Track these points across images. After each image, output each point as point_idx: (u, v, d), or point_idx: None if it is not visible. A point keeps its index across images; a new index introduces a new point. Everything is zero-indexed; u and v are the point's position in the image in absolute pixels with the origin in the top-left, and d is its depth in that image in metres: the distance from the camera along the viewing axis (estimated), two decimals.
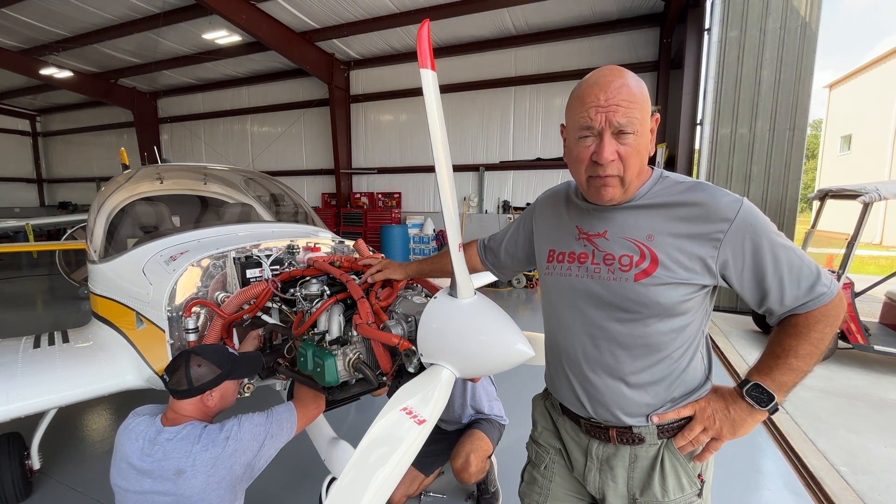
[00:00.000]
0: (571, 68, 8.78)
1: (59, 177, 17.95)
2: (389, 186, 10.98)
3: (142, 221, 3.20)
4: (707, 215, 0.97)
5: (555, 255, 1.16)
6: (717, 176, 6.25)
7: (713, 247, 0.97)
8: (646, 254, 1.00)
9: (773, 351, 1.02)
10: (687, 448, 1.07)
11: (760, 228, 0.96)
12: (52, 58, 10.60)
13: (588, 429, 1.16)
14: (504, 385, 2.77)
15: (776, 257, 0.95)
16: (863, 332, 4.17)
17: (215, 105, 13.02)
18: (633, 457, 1.11)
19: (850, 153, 19.12)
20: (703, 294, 1.03)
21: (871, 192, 4.01)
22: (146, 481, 1.34)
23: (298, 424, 1.53)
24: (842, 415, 3.46)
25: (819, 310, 0.96)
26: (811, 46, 5.71)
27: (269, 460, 1.46)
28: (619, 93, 0.93)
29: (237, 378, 1.54)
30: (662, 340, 1.03)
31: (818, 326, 0.96)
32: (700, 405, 1.07)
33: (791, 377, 0.99)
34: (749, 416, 1.02)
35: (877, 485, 2.63)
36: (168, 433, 1.39)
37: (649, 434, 1.09)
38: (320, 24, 8.86)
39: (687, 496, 1.09)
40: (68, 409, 2.35)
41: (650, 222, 1.02)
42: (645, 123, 0.97)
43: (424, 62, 1.05)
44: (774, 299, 0.98)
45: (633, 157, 0.96)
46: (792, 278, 0.96)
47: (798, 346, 0.97)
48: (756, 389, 1.00)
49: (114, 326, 2.46)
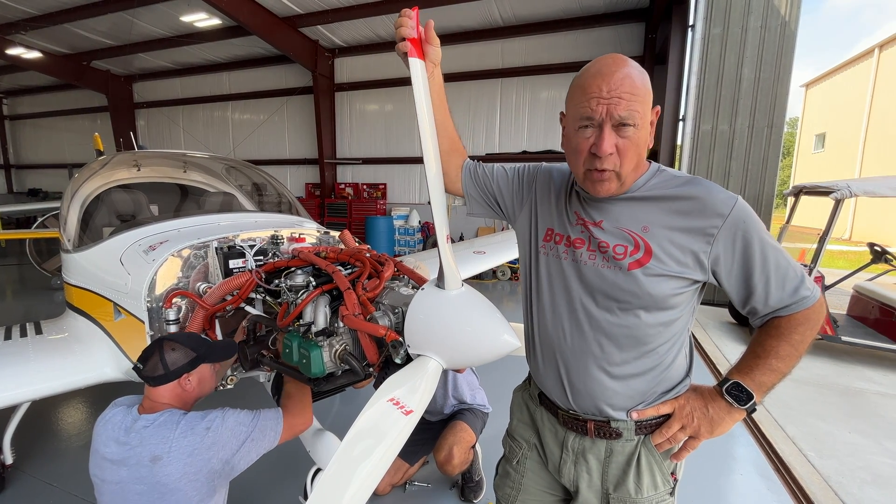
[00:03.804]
0: (558, 61, 8.79)
1: (29, 162, 17.20)
2: (374, 177, 10.87)
3: (118, 210, 3.10)
4: (702, 210, 0.98)
5: (553, 234, 1.15)
6: (697, 172, 6.37)
7: (706, 242, 0.98)
8: (640, 244, 1.01)
9: (755, 351, 1.04)
10: (664, 446, 1.08)
11: (753, 227, 0.97)
12: (19, 37, 10.08)
13: (565, 421, 1.16)
14: (489, 375, 2.80)
15: (765, 257, 0.97)
16: (832, 324, 4.35)
17: (194, 91, 12.62)
18: (609, 451, 1.12)
19: (825, 151, 19.72)
20: (692, 290, 1.05)
21: (843, 189, 4.15)
22: (122, 470, 1.31)
23: (283, 435, 1.49)
24: (811, 403, 3.62)
25: (801, 313, 0.99)
26: (790, 45, 5.84)
27: (250, 464, 1.43)
28: (622, 84, 0.92)
29: (213, 361, 1.53)
30: (649, 333, 1.04)
31: (800, 329, 0.99)
32: (679, 403, 1.08)
33: (770, 377, 1.01)
34: (727, 415, 1.04)
35: (841, 468, 2.77)
36: (145, 420, 1.37)
37: (627, 430, 1.10)
38: (304, 9, 8.64)
39: (660, 494, 1.11)
40: (43, 402, 2.29)
41: (646, 214, 1.03)
42: (646, 116, 0.96)
43: (412, 52, 1.05)
44: (759, 299, 1.00)
45: (631, 150, 0.96)
46: (778, 279, 0.98)
47: (779, 348, 1.00)
48: (736, 388, 1.02)
49: (90, 318, 2.39)
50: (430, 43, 1.11)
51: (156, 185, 3.60)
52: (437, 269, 1.18)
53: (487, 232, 9.31)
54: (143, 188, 3.37)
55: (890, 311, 4.32)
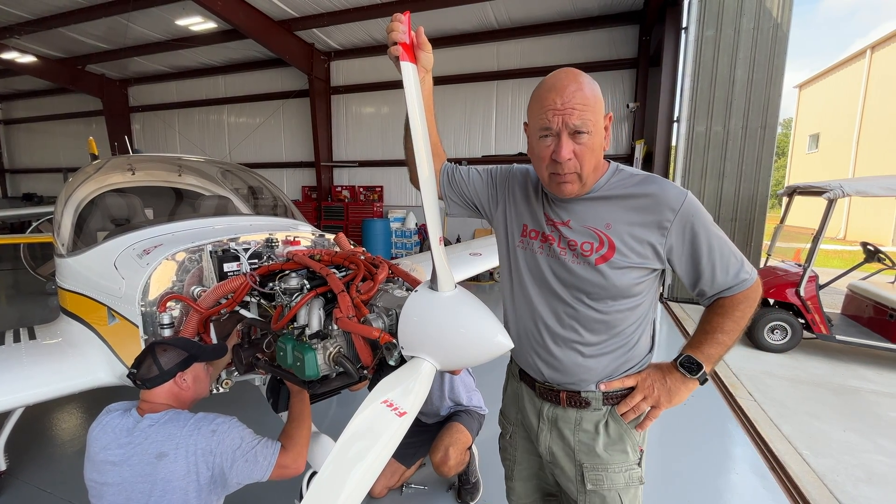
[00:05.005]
0: (553, 63, 8.82)
1: (23, 167, 17.10)
2: (371, 180, 10.87)
3: (113, 214, 3.10)
4: (657, 206, 1.09)
5: (528, 230, 1.26)
6: (692, 172, 6.41)
7: (661, 234, 1.10)
8: (604, 241, 1.12)
9: (703, 328, 1.17)
10: (629, 416, 1.20)
11: (700, 219, 1.09)
12: (13, 41, 10.04)
13: (541, 392, 1.28)
14: (484, 376, 2.80)
15: (710, 245, 1.09)
16: (826, 323, 4.38)
17: (190, 94, 12.58)
18: (579, 419, 1.23)
19: (818, 151, 19.87)
20: (653, 277, 1.17)
21: (836, 189, 4.19)
22: (125, 470, 1.31)
23: (273, 471, 1.41)
24: (805, 401, 3.64)
25: (742, 293, 1.12)
26: (782, 47, 5.89)
27: (239, 486, 1.39)
28: (574, 97, 1.03)
29: (205, 360, 1.54)
30: (618, 318, 1.17)
31: (741, 307, 1.13)
32: (641, 376, 1.21)
33: (717, 350, 1.14)
34: (682, 385, 1.16)
35: (835, 466, 2.78)
36: (149, 419, 1.37)
37: (595, 399, 1.21)
38: (300, 12, 8.65)
39: (629, 463, 1.21)
40: (37, 408, 2.28)
41: (608, 212, 1.13)
42: (598, 123, 1.07)
43: (404, 56, 1.08)
44: (706, 282, 1.13)
45: (587, 154, 1.07)
46: (722, 264, 1.11)
47: (724, 324, 1.13)
48: (688, 361, 1.15)
49: (84, 322, 2.38)
50: (422, 48, 1.17)
51: (150, 188, 3.59)
52: (431, 271, 1.19)
53: (484, 234, 9.32)
54: (137, 192, 3.36)
55: (884, 310, 4.35)
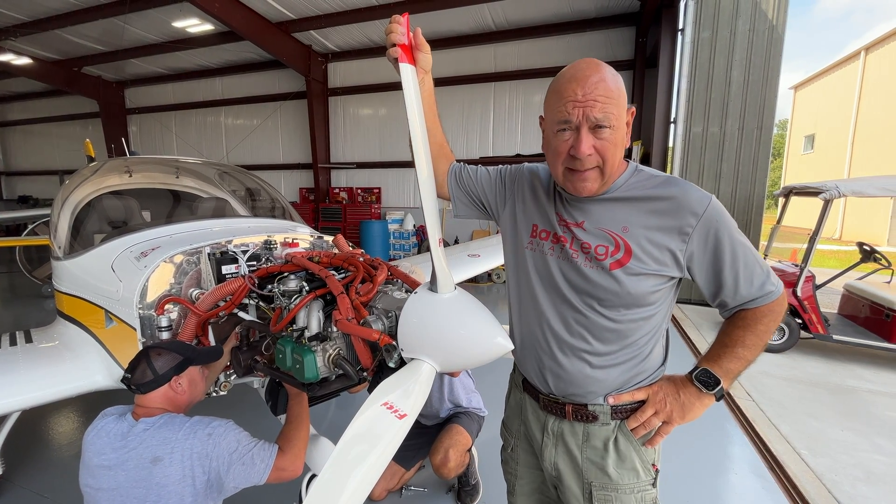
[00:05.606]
0: (550, 65, 8.85)
1: (19, 169, 17.02)
2: (369, 181, 10.86)
3: (110, 216, 3.08)
4: (678, 209, 1.02)
5: (538, 230, 1.19)
6: (689, 173, 6.43)
7: (682, 240, 1.02)
8: (620, 245, 1.05)
9: (723, 341, 1.09)
10: (640, 431, 1.12)
11: (724, 225, 1.01)
12: (8, 43, 10.00)
13: (546, 404, 1.21)
14: (484, 378, 2.80)
15: (734, 253, 1.02)
16: (823, 322, 4.39)
17: (187, 96, 12.56)
18: (586, 434, 1.15)
19: (814, 152, 19.98)
20: (670, 286, 1.09)
21: (832, 190, 4.21)
22: (119, 475, 1.29)
23: (271, 474, 1.41)
24: (803, 401, 3.65)
25: (767, 306, 1.05)
26: (778, 48, 5.93)
27: (236, 490, 1.39)
28: (596, 88, 0.96)
29: (200, 363, 1.53)
30: (631, 328, 1.09)
31: (764, 320, 1.05)
32: (653, 389, 1.13)
33: (737, 365, 1.06)
34: (697, 400, 1.08)
35: (834, 465, 2.79)
36: (144, 423, 1.35)
37: (603, 413, 1.13)
38: (297, 14, 8.65)
39: (642, 483, 1.12)
40: (33, 411, 2.26)
41: (625, 214, 1.06)
42: (621, 117, 0.99)
43: (403, 57, 1.06)
44: (729, 293, 1.05)
45: (609, 150, 0.99)
46: (746, 275, 1.03)
47: (745, 337, 1.05)
48: (704, 374, 1.07)
49: (81, 325, 2.37)
50: (420, 49, 1.13)
51: (148, 191, 3.58)
52: (430, 273, 1.18)
53: (482, 235, 9.32)
54: (134, 194, 3.35)
55: (880, 310, 4.36)
